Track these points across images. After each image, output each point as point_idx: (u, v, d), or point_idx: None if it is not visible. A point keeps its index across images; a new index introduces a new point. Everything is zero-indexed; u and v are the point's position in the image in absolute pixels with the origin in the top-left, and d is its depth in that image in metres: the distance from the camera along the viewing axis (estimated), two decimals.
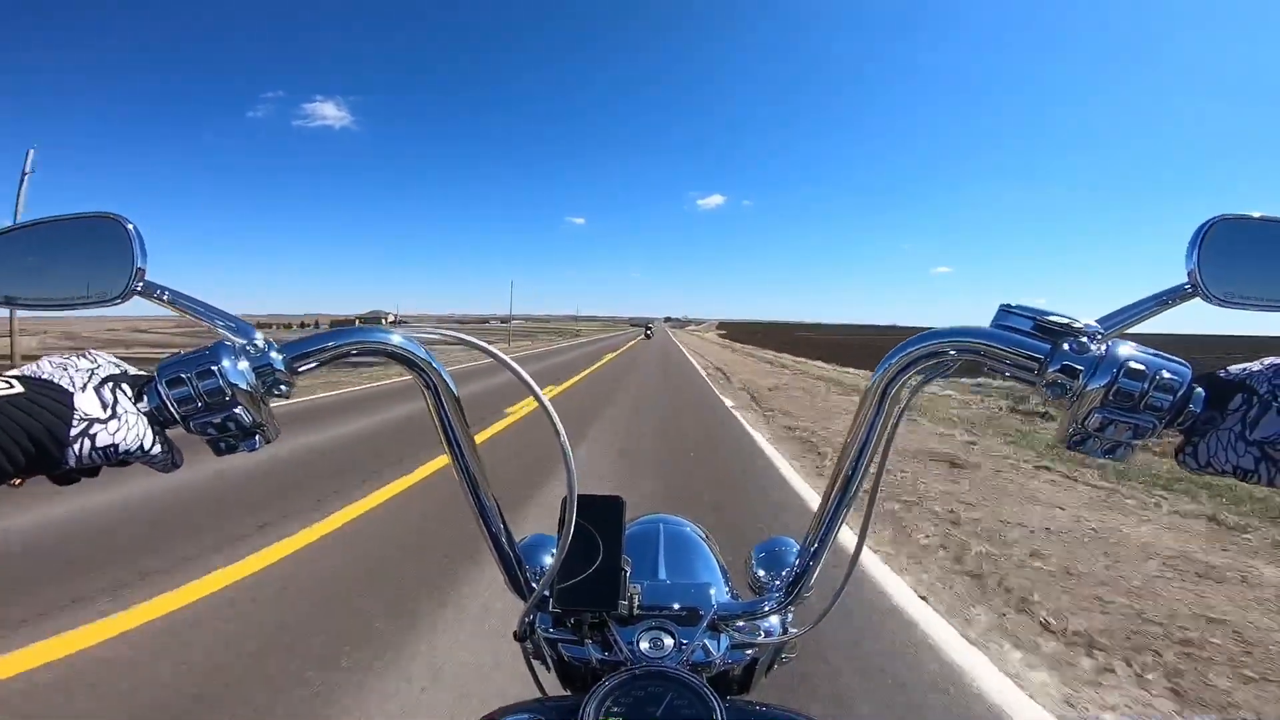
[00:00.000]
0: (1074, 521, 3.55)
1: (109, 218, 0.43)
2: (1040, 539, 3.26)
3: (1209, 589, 2.64)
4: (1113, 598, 2.54)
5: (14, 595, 2.39)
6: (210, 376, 0.40)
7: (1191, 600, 2.53)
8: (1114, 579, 2.73)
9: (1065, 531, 3.37)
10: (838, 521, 0.53)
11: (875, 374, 0.47)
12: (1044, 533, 3.35)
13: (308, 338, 0.44)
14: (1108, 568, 2.87)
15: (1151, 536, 3.32)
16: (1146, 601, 2.51)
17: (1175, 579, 2.74)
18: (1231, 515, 3.60)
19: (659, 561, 0.64)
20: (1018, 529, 3.41)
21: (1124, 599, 2.53)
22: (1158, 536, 3.32)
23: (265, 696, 1.80)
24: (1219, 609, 2.44)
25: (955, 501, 3.94)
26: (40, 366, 0.38)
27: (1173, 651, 2.13)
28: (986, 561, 2.93)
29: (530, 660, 0.59)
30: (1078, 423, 0.40)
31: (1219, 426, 0.38)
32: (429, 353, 0.47)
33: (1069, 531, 3.37)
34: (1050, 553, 3.04)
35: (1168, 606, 2.46)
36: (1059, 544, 3.18)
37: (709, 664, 0.53)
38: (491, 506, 0.54)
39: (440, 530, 3.25)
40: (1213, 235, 0.41)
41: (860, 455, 0.50)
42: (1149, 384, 0.38)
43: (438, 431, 0.50)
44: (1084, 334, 0.40)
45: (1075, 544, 3.18)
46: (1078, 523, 3.53)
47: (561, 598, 0.51)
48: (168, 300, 0.43)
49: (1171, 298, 0.42)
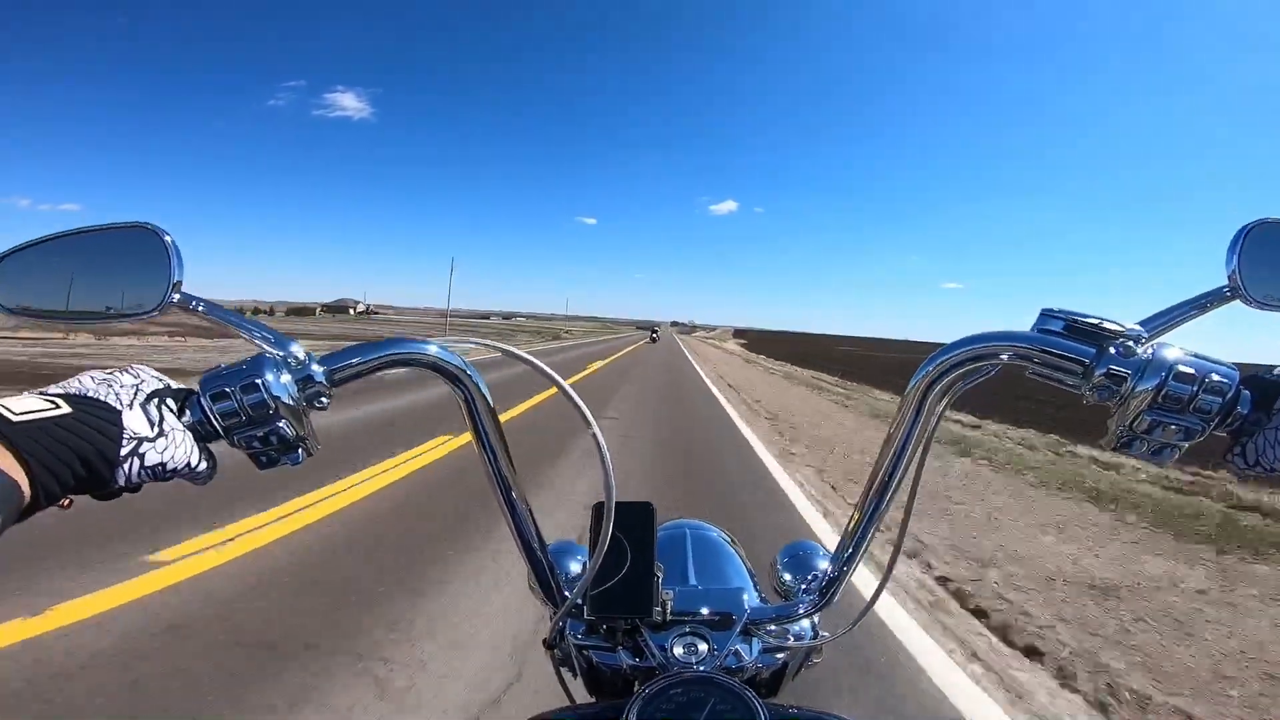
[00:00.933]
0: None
1: (145, 228, 0.43)
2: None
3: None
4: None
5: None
6: (255, 390, 0.39)
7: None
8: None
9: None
10: (873, 527, 0.53)
11: (915, 378, 0.47)
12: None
13: (347, 349, 0.44)
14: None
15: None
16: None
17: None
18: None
19: (689, 566, 0.63)
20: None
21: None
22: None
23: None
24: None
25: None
26: (83, 383, 0.37)
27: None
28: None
29: (558, 667, 0.58)
30: (1125, 425, 0.40)
31: (1266, 427, 0.38)
32: (465, 362, 0.46)
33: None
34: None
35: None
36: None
37: (741, 668, 0.53)
38: (524, 514, 0.54)
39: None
40: (1253, 238, 0.41)
41: (897, 461, 0.49)
42: (1198, 387, 0.38)
43: (474, 441, 0.50)
44: (1129, 337, 0.40)
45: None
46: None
47: (595, 605, 0.51)
48: (203, 313, 0.43)
49: (1211, 300, 0.42)
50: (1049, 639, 2.35)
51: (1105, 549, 3.46)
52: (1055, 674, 2.16)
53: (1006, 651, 2.32)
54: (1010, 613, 2.57)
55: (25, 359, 11.51)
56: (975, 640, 2.41)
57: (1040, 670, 2.19)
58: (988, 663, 2.24)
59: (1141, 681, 2.09)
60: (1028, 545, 3.44)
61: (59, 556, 2.53)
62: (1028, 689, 2.07)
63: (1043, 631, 2.40)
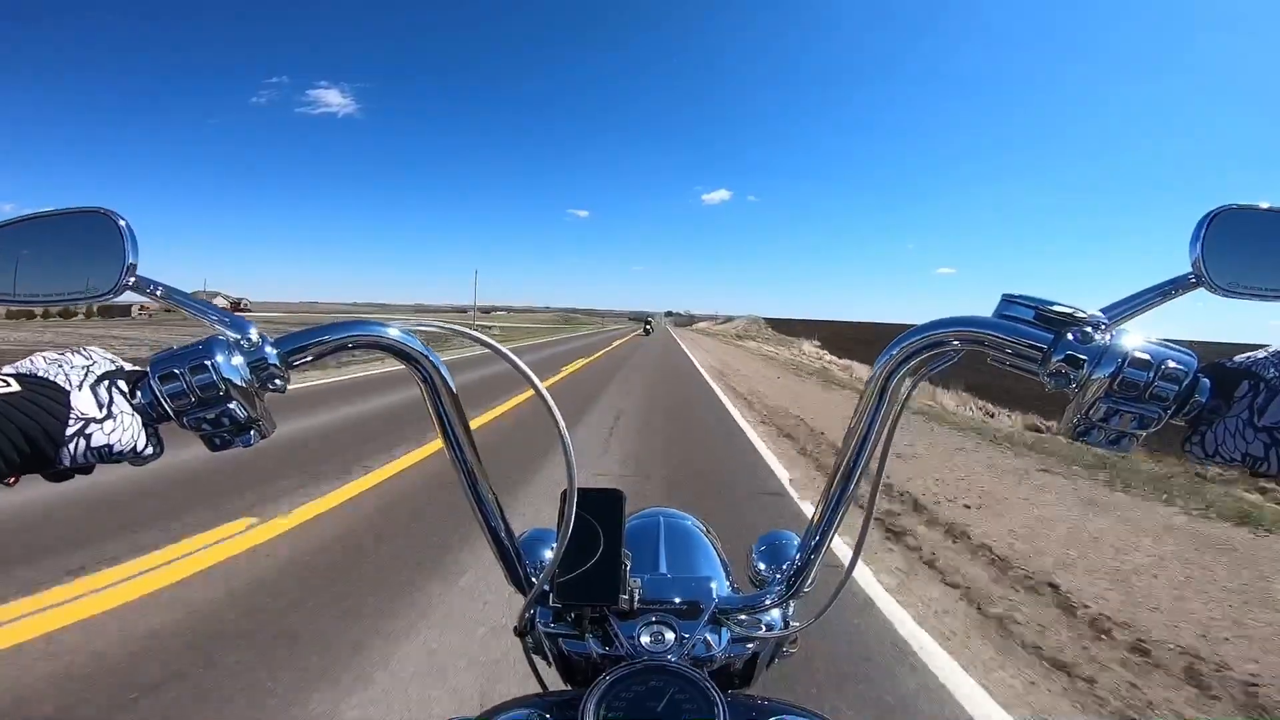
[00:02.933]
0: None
1: (100, 212, 0.43)
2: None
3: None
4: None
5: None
6: (204, 371, 0.39)
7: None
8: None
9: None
10: (839, 515, 0.52)
11: (876, 365, 0.46)
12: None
13: (302, 331, 0.44)
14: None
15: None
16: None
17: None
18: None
19: (660, 555, 0.63)
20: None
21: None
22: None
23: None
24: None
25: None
26: (35, 363, 0.38)
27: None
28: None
29: (530, 655, 0.58)
30: (1082, 413, 0.39)
31: (1225, 415, 0.38)
32: (426, 346, 0.46)
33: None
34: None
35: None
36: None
37: (710, 658, 0.53)
38: (490, 501, 0.54)
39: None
40: (1216, 225, 0.41)
41: (861, 448, 0.49)
42: (1154, 374, 0.37)
43: (434, 426, 0.50)
44: (1088, 324, 0.39)
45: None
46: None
47: (562, 592, 0.51)
48: (160, 295, 0.43)
49: (1175, 288, 0.42)
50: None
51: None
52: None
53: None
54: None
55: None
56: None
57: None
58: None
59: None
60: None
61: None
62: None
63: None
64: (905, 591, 2.76)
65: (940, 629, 2.43)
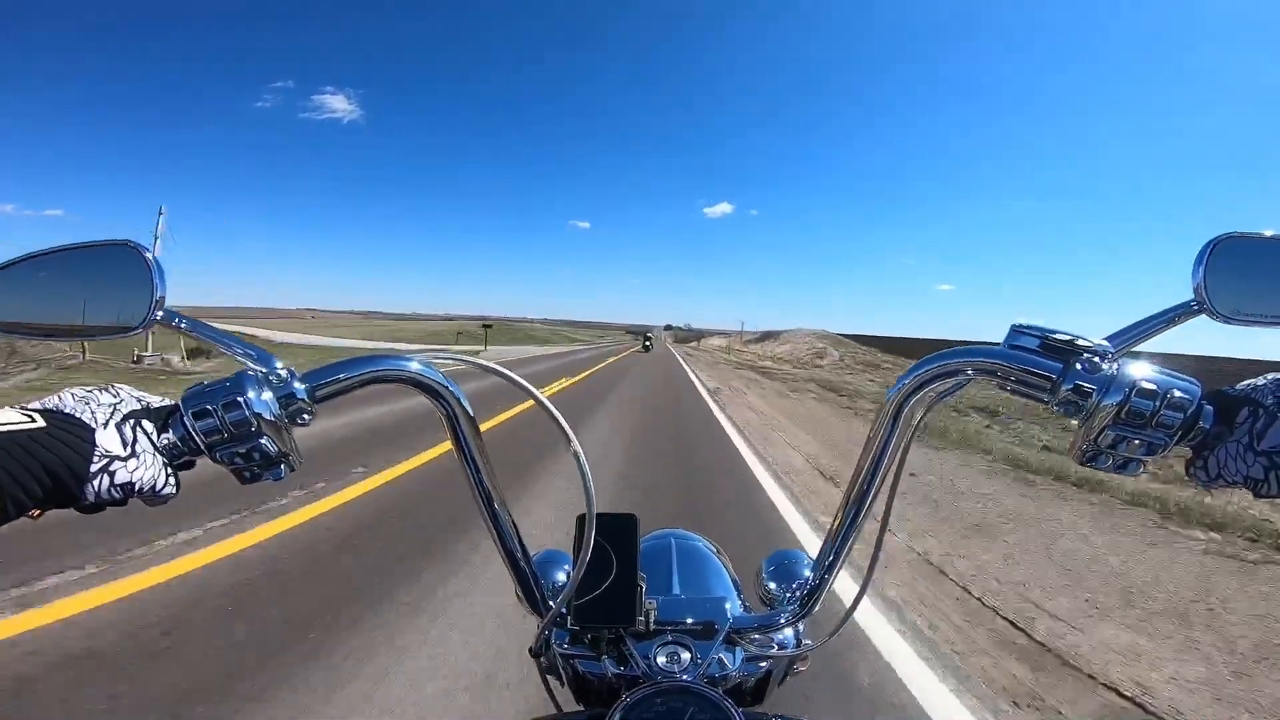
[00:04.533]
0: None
1: (127, 245, 0.43)
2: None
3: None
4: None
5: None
6: (236, 408, 0.40)
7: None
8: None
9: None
10: (852, 536, 0.53)
11: (890, 392, 0.47)
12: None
13: (328, 366, 0.45)
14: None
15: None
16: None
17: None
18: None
19: (673, 576, 0.64)
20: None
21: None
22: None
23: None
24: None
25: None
26: (64, 399, 0.38)
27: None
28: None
29: (545, 676, 0.59)
30: (1091, 440, 0.40)
31: (1227, 440, 0.39)
32: (446, 379, 0.47)
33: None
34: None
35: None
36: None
37: (725, 677, 0.54)
38: (508, 525, 0.54)
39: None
40: (1218, 252, 0.42)
41: (875, 472, 0.50)
42: (1160, 402, 0.38)
43: (456, 455, 0.50)
44: (1095, 353, 0.40)
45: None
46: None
47: (579, 614, 0.52)
48: (186, 329, 0.43)
49: (1178, 314, 0.43)
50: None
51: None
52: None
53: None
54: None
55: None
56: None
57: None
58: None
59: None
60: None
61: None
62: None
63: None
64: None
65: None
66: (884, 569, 2.90)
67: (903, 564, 3.02)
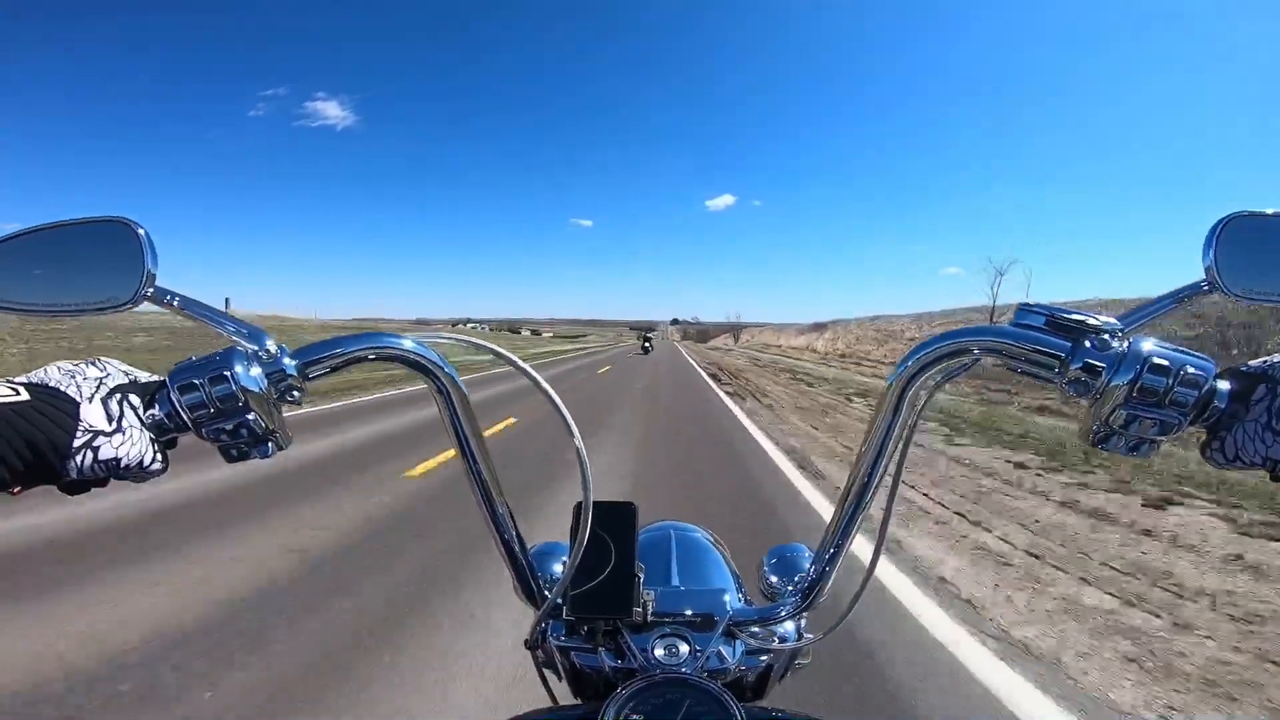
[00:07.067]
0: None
1: (119, 222, 0.43)
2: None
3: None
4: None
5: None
6: (223, 382, 0.39)
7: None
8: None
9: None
10: (854, 526, 0.52)
11: (893, 375, 0.46)
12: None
13: (319, 343, 0.44)
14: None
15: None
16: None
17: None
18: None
19: (672, 567, 0.63)
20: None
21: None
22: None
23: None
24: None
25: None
26: (49, 373, 0.37)
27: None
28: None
29: (541, 669, 0.58)
30: (1102, 420, 0.39)
31: (1244, 419, 0.38)
32: (441, 358, 0.46)
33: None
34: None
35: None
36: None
37: (724, 670, 0.52)
38: (504, 514, 0.53)
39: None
40: (1229, 231, 0.41)
41: (877, 459, 0.49)
42: (1173, 380, 0.37)
43: (450, 437, 0.50)
44: (1105, 331, 0.39)
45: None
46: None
47: (575, 605, 0.50)
48: (178, 306, 0.43)
49: (1189, 294, 0.42)
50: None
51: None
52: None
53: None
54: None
55: None
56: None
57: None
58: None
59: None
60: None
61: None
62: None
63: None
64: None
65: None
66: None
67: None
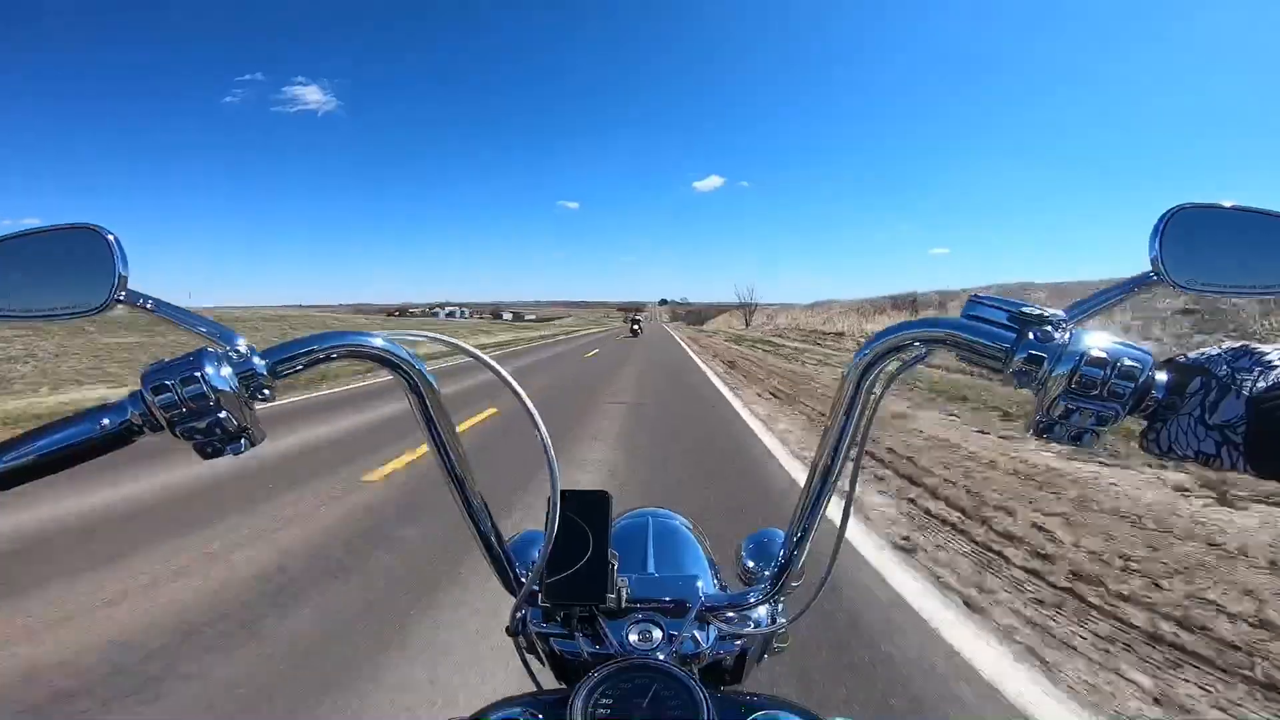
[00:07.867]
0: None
1: (89, 229, 0.43)
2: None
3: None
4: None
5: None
6: (194, 382, 0.40)
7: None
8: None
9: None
10: (820, 509, 0.53)
11: (851, 363, 0.48)
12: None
13: (289, 342, 0.45)
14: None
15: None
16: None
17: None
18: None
19: (648, 554, 0.64)
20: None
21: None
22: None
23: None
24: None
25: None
26: None
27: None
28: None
29: (524, 655, 0.59)
30: (1044, 410, 0.40)
31: (1180, 411, 0.38)
32: (411, 354, 0.47)
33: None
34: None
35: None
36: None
37: (698, 655, 0.54)
38: (479, 505, 0.54)
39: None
40: (1174, 223, 0.42)
41: (839, 442, 0.50)
42: (1111, 371, 0.38)
43: (423, 432, 0.51)
44: (1049, 322, 0.40)
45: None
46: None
47: (550, 592, 0.52)
48: (150, 308, 0.44)
49: (1137, 285, 0.43)
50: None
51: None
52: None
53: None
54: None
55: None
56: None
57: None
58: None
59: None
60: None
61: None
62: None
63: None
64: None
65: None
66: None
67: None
